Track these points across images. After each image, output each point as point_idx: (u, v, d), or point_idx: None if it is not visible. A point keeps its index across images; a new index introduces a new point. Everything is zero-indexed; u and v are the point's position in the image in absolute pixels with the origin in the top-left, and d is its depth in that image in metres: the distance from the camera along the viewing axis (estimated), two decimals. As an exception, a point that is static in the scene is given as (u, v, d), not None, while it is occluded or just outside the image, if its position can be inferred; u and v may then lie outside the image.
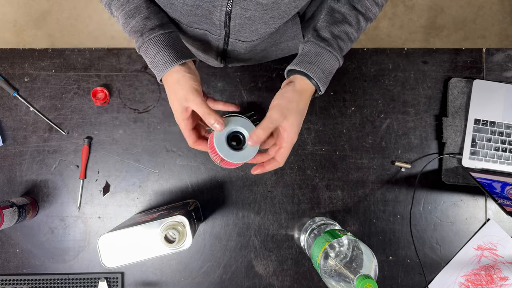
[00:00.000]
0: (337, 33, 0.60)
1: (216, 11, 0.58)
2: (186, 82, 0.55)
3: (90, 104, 0.87)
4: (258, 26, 0.61)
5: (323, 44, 0.59)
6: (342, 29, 0.60)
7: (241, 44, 0.66)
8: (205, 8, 0.58)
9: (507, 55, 0.88)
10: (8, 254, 0.85)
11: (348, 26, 0.60)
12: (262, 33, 0.63)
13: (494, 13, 1.83)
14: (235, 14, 0.58)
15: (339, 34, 0.60)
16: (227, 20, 0.59)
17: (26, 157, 0.85)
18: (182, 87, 0.55)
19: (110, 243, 0.66)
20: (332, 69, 0.60)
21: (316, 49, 0.59)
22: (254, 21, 0.59)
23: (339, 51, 0.60)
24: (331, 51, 0.59)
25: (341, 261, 0.62)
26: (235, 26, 0.60)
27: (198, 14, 0.60)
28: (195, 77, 0.57)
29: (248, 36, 0.63)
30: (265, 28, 0.62)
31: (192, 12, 0.59)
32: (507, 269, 0.85)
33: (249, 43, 0.66)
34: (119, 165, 0.86)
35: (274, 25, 0.62)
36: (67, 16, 1.82)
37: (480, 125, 0.84)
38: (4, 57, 0.87)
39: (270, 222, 0.86)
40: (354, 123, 0.87)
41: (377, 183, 0.86)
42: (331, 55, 0.59)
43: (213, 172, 0.86)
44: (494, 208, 0.86)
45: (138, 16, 0.58)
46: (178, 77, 0.56)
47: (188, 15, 0.60)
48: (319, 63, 0.58)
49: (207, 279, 0.85)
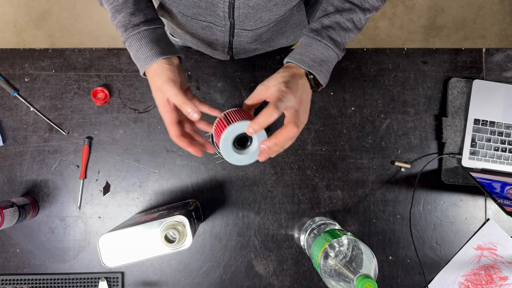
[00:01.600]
0: (327, 23, 0.61)
1: (219, 3, 0.58)
2: (163, 73, 0.56)
3: (90, 104, 0.87)
4: (262, 14, 0.61)
5: (312, 34, 0.60)
6: (333, 20, 0.61)
7: (246, 33, 0.67)
8: (208, 0, 0.58)
9: (507, 55, 0.88)
10: (8, 254, 0.85)
11: (339, 16, 0.61)
12: (266, 20, 0.64)
13: (494, 13, 1.83)
14: (238, 5, 0.58)
15: (330, 24, 0.61)
16: (231, 11, 0.60)
17: (26, 157, 0.85)
18: (159, 78, 0.56)
19: (110, 243, 0.66)
20: (324, 57, 0.60)
21: (307, 40, 0.61)
22: (258, 10, 0.60)
23: (329, 39, 0.60)
24: (320, 40, 0.60)
25: (341, 261, 0.62)
26: (239, 16, 0.61)
27: (201, 6, 0.60)
28: (173, 69, 0.57)
29: (253, 24, 0.64)
30: (269, 15, 0.62)
31: (196, 3, 0.60)
32: (506, 269, 0.85)
33: (255, 31, 0.66)
34: (119, 165, 0.86)
35: (278, 12, 0.62)
36: (67, 16, 1.82)
37: (480, 125, 0.85)
38: (4, 57, 0.87)
39: (270, 222, 0.86)
40: (354, 123, 0.87)
41: (377, 183, 0.86)
42: (320, 43, 0.60)
43: (213, 172, 0.86)
44: (494, 208, 0.86)
45: (125, 11, 0.59)
46: (156, 69, 0.56)
47: (192, 6, 0.60)
48: (308, 53, 0.59)
49: (207, 279, 0.85)
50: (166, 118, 0.57)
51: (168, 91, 0.55)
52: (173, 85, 0.55)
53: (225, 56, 0.83)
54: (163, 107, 0.56)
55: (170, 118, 0.57)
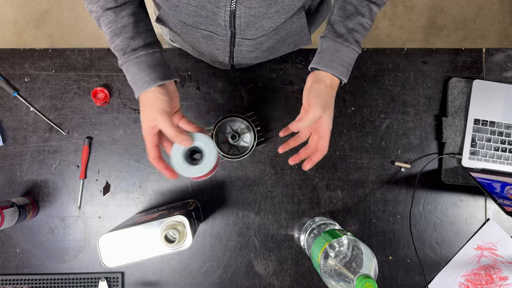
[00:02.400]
0: (351, 26, 0.62)
1: (220, 12, 0.58)
2: (157, 103, 0.58)
3: (90, 104, 0.87)
4: (263, 22, 0.61)
5: (340, 40, 0.61)
6: (357, 22, 0.62)
7: (247, 42, 0.67)
8: (209, 10, 0.58)
9: (507, 55, 0.88)
10: (8, 254, 0.85)
11: (361, 17, 0.62)
12: (267, 28, 0.63)
13: (494, 13, 1.83)
14: (239, 13, 0.58)
15: (354, 27, 0.62)
16: (232, 20, 0.59)
17: (26, 157, 0.85)
18: (153, 107, 0.58)
19: (110, 243, 0.66)
20: (351, 61, 0.63)
21: (334, 45, 0.62)
22: (259, 18, 0.60)
23: (356, 44, 0.62)
24: (348, 46, 0.61)
25: (341, 261, 0.62)
26: (240, 25, 0.61)
27: (202, 15, 0.60)
28: (167, 99, 0.59)
29: (254, 33, 0.64)
30: (270, 23, 0.62)
31: (197, 12, 0.59)
32: (506, 269, 0.85)
33: (256, 40, 0.66)
34: (119, 165, 0.86)
35: (279, 20, 0.62)
36: (67, 16, 1.82)
37: (480, 125, 0.85)
38: (4, 57, 0.87)
39: (270, 222, 0.86)
40: (354, 123, 0.87)
41: (377, 183, 0.86)
42: (348, 49, 0.62)
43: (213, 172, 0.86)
44: (494, 208, 0.86)
45: (123, 35, 0.60)
46: (151, 97, 0.59)
47: (193, 15, 0.60)
48: (339, 60, 0.62)
49: (207, 279, 0.85)
50: (148, 141, 0.60)
51: (160, 122, 0.58)
52: (166, 117, 0.58)
53: (225, 66, 0.83)
54: (148, 130, 0.59)
55: (152, 141, 0.60)
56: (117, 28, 0.60)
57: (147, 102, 0.59)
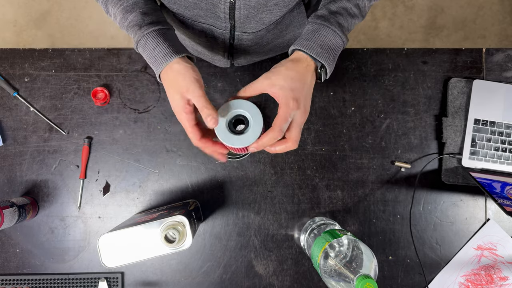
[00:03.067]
0: (334, 9, 0.59)
1: (220, 4, 0.58)
2: (187, 72, 0.53)
3: (90, 104, 0.87)
4: (263, 15, 0.61)
5: (320, 20, 0.58)
6: (340, 5, 0.59)
7: (247, 36, 0.66)
8: (208, 1, 0.58)
9: (507, 55, 0.88)
10: (8, 254, 0.85)
11: (345, 2, 0.59)
12: (267, 22, 0.63)
13: (494, 13, 1.83)
14: (239, 5, 0.58)
15: (337, 10, 0.59)
16: (232, 12, 0.59)
17: (26, 157, 0.85)
18: (184, 77, 0.52)
19: (110, 243, 0.66)
20: (332, 44, 0.57)
21: (314, 26, 0.58)
22: (259, 10, 0.59)
23: (338, 25, 0.58)
24: (328, 26, 0.57)
25: (341, 261, 0.62)
26: (240, 17, 0.60)
27: (202, 7, 0.60)
28: (196, 68, 0.55)
29: (253, 26, 0.64)
30: (270, 16, 0.62)
31: (196, 5, 0.59)
32: (507, 269, 0.85)
33: (255, 34, 0.66)
34: (119, 165, 0.86)
35: (279, 13, 0.62)
36: (67, 16, 1.82)
37: (480, 125, 0.84)
38: (4, 57, 0.87)
39: (270, 222, 0.86)
40: (354, 123, 0.87)
41: (377, 183, 0.86)
42: (328, 29, 0.57)
43: (213, 172, 0.86)
44: (494, 208, 0.86)
45: (137, 10, 0.58)
46: (179, 68, 0.53)
47: (192, 7, 0.60)
48: (316, 39, 0.56)
49: (207, 279, 0.85)
50: (186, 121, 0.53)
51: (194, 92, 0.52)
52: (199, 86, 0.52)
53: (225, 63, 0.83)
54: (182, 109, 0.52)
55: (190, 120, 0.53)
56: (128, 5, 0.58)
57: (176, 76, 0.53)
